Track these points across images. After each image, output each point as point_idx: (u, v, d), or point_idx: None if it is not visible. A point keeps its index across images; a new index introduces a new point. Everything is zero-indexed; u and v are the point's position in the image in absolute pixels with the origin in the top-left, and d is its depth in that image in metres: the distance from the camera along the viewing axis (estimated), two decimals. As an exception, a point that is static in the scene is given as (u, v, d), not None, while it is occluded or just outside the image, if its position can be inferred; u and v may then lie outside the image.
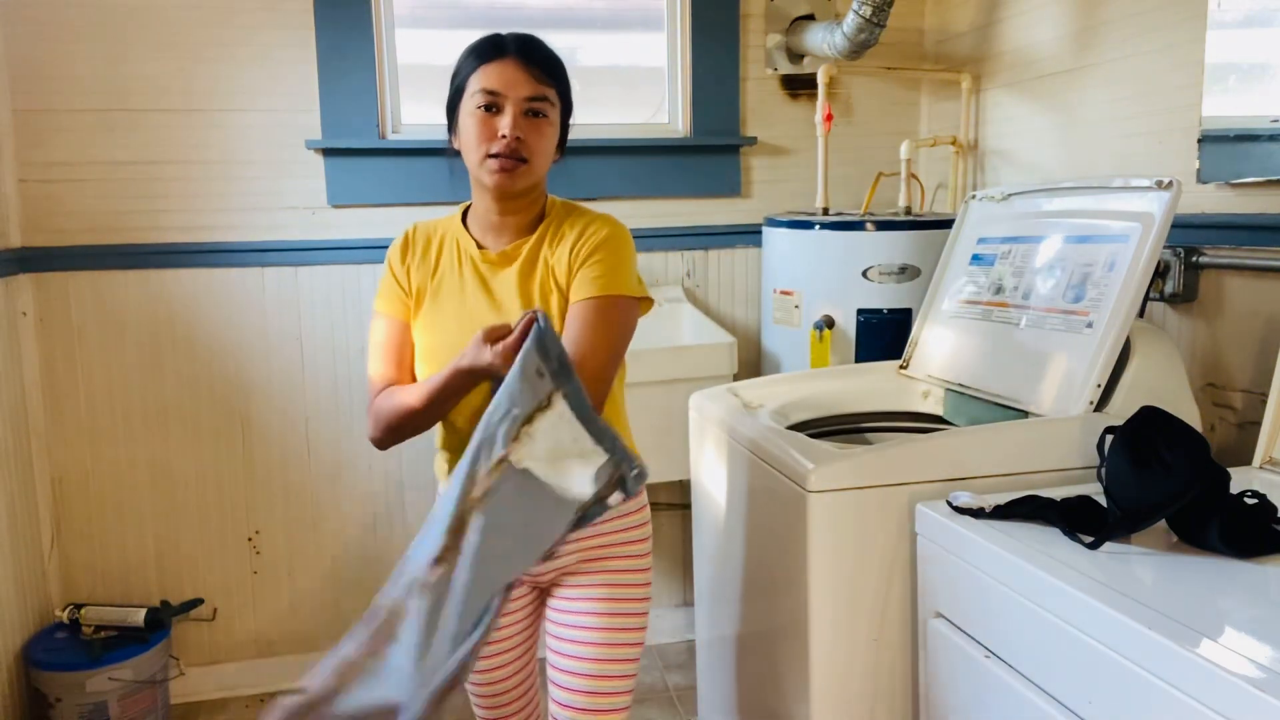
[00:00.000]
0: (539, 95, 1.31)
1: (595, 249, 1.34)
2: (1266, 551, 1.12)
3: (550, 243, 1.37)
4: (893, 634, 1.44)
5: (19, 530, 2.25)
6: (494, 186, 1.32)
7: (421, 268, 1.41)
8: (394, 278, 1.42)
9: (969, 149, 2.58)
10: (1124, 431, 1.27)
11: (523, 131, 1.30)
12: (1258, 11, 1.69)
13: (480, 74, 1.31)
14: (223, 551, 2.53)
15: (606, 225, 1.37)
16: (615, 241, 1.36)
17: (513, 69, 1.30)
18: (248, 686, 2.57)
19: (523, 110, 1.30)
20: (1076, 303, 1.59)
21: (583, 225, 1.37)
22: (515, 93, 1.29)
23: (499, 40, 1.33)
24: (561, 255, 1.35)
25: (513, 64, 1.30)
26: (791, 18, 2.67)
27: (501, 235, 1.39)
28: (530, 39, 1.34)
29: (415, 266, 1.41)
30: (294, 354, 2.52)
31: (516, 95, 1.29)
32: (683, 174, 2.66)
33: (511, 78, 1.30)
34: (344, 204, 2.49)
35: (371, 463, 2.60)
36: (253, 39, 2.39)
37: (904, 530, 1.41)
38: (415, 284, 1.40)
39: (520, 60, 1.30)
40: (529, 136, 1.30)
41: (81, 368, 2.40)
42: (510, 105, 1.29)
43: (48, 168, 2.32)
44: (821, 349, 2.25)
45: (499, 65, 1.30)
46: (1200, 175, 1.76)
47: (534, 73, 1.31)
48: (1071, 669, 1.05)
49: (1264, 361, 1.66)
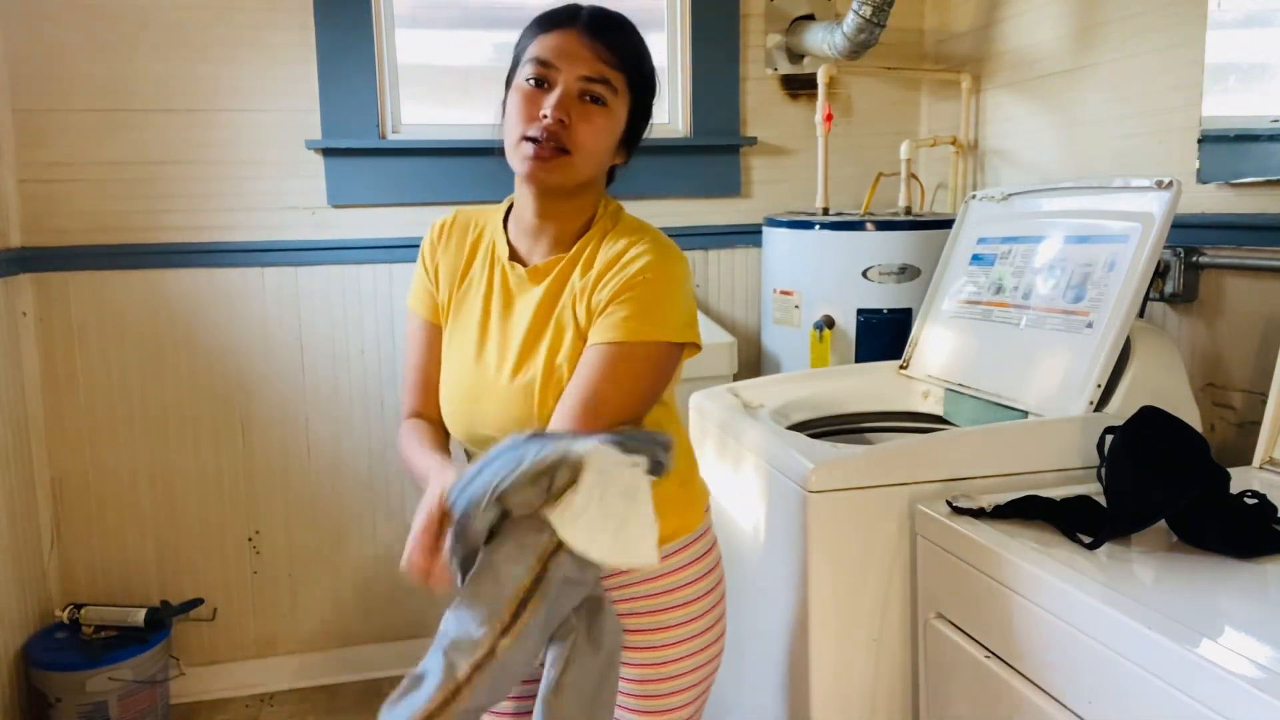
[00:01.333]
0: (598, 76, 1.08)
1: (628, 284, 1.09)
2: (1266, 551, 1.12)
3: (583, 265, 1.14)
4: (893, 634, 1.44)
5: (19, 530, 2.25)
6: (524, 176, 1.11)
7: (453, 260, 1.21)
8: (423, 270, 1.23)
9: (969, 149, 2.58)
10: (1124, 431, 1.27)
11: (569, 114, 1.07)
12: (1258, 11, 1.69)
13: (538, 42, 1.10)
14: (223, 551, 2.53)
15: (650, 251, 1.11)
16: (655, 272, 1.09)
17: (574, 41, 1.08)
18: (248, 686, 2.57)
19: (576, 91, 1.08)
20: (1076, 303, 1.59)
21: (620, 249, 1.12)
22: (571, 68, 1.08)
23: (570, 7, 1.12)
24: (597, 291, 1.10)
25: (576, 34, 1.09)
26: (791, 18, 2.67)
27: (538, 243, 1.17)
28: (609, 13, 1.12)
29: (447, 257, 1.22)
30: (294, 354, 2.52)
31: (572, 71, 1.08)
32: (683, 174, 2.66)
33: (570, 50, 1.08)
34: (344, 204, 2.49)
35: (371, 463, 2.60)
36: (253, 39, 2.38)
37: (904, 530, 1.40)
38: (444, 279, 1.21)
39: (586, 32, 1.09)
40: (577, 123, 1.08)
41: (81, 368, 2.40)
42: (563, 82, 1.08)
43: (48, 168, 2.32)
44: (821, 349, 2.25)
45: (560, 35, 1.09)
46: (1200, 175, 1.76)
47: (598, 50, 1.08)
48: (1071, 669, 1.05)
49: (1264, 361, 1.66)
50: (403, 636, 2.66)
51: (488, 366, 1.16)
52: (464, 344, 1.19)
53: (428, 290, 1.23)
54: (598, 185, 1.19)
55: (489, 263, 1.20)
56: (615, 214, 1.20)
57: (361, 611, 2.64)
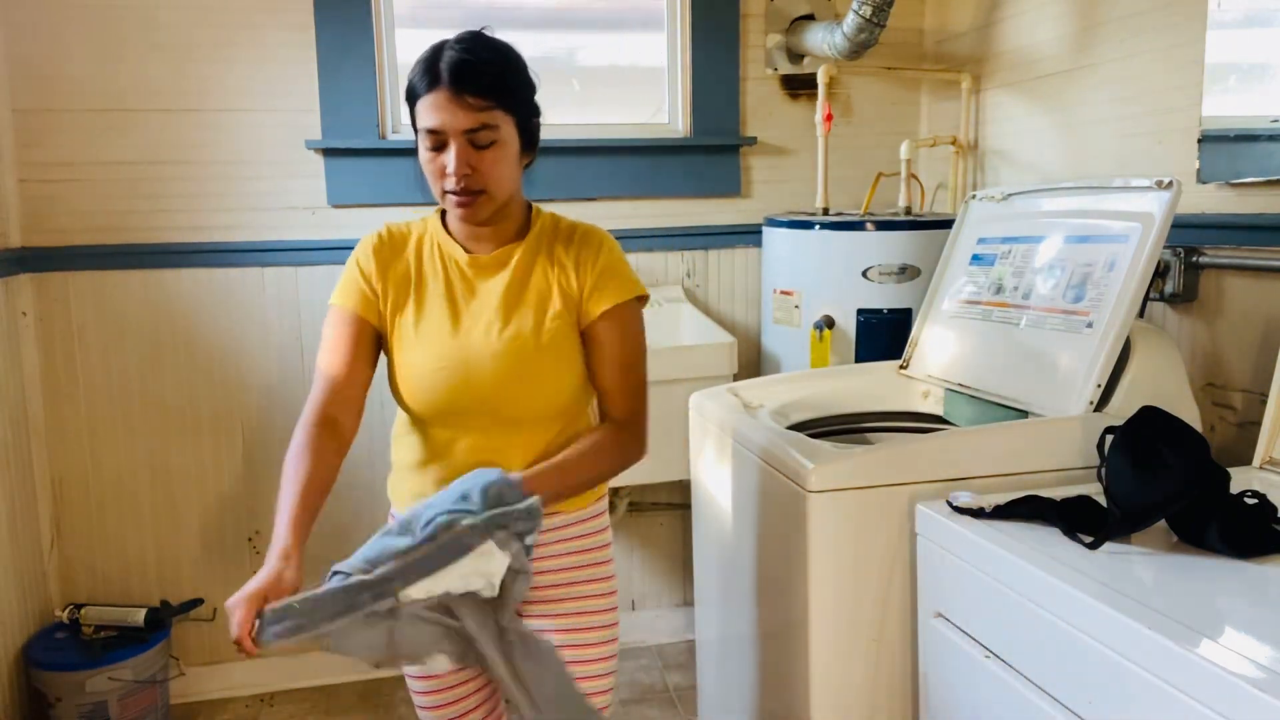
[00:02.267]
0: (480, 125, 1.22)
1: (606, 262, 1.33)
2: (1266, 551, 1.12)
3: (549, 254, 1.34)
4: (893, 634, 1.44)
5: (19, 530, 2.25)
6: (461, 219, 1.30)
7: (396, 272, 1.34)
8: (362, 276, 1.34)
9: (969, 149, 2.58)
10: (1124, 431, 1.27)
11: (472, 163, 1.23)
12: (1258, 11, 1.69)
13: (421, 108, 1.24)
14: (223, 551, 2.53)
15: (600, 234, 1.37)
16: (615, 248, 1.36)
17: (447, 102, 1.21)
18: (248, 686, 2.57)
19: (465, 143, 1.22)
20: (1076, 303, 1.59)
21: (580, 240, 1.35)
22: (456, 125, 1.21)
23: (434, 65, 1.23)
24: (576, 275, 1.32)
25: (446, 96, 1.21)
26: (791, 18, 2.67)
27: (486, 242, 1.35)
28: (463, 61, 1.23)
29: (393, 264, 1.35)
30: (294, 354, 2.52)
31: (457, 127, 1.21)
32: (683, 174, 2.66)
33: (448, 113, 1.21)
34: (344, 204, 2.49)
35: (371, 462, 2.60)
36: (253, 39, 2.39)
37: (904, 530, 1.40)
38: (391, 289, 1.33)
39: (453, 91, 1.21)
40: (480, 166, 1.23)
41: (81, 368, 2.40)
42: (452, 140, 1.22)
43: (48, 168, 2.32)
44: (821, 349, 2.25)
45: (434, 98, 1.22)
46: (1200, 175, 1.76)
47: (467, 103, 1.21)
48: (1071, 669, 1.05)
49: (1264, 361, 1.66)
50: (403, 636, 2.66)
51: (469, 334, 1.30)
52: (436, 327, 1.31)
53: (365, 295, 1.34)
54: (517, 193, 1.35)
55: (439, 261, 1.35)
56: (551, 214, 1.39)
57: (361, 611, 2.64)
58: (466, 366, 1.28)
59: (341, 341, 1.32)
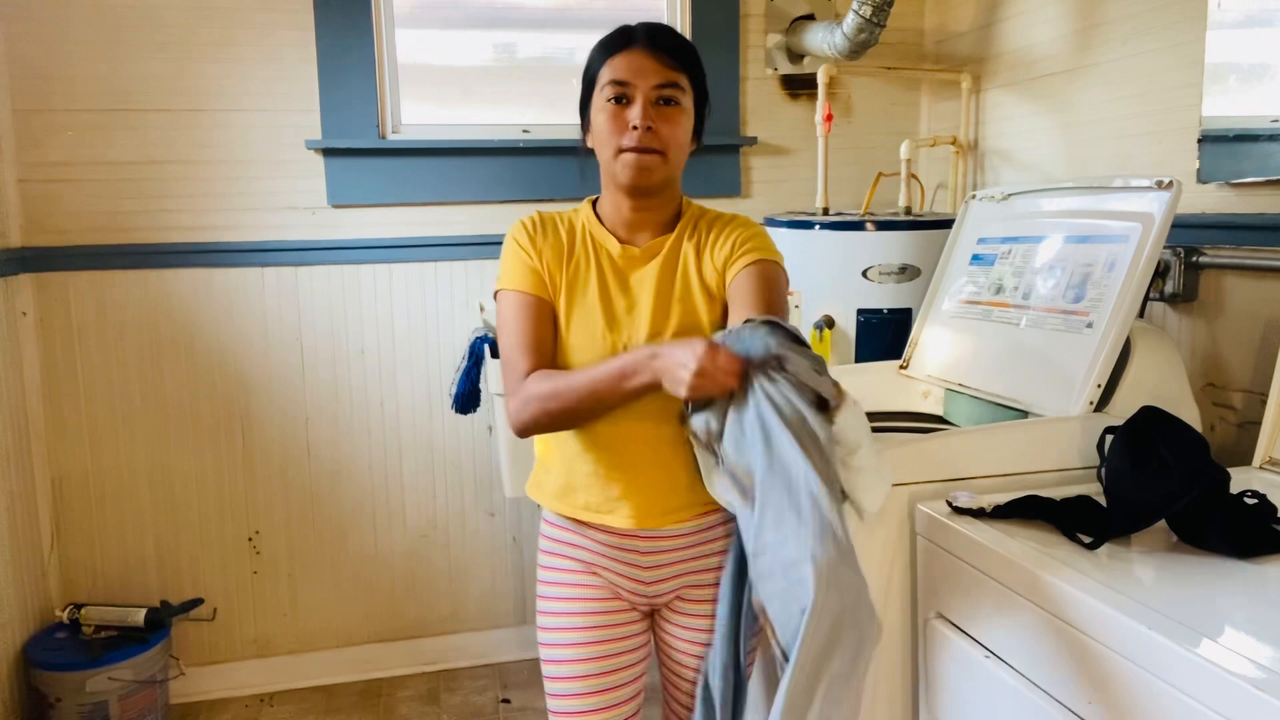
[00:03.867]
0: (669, 81, 1.26)
1: (750, 232, 1.34)
2: (1266, 551, 1.12)
3: (692, 240, 1.34)
4: (893, 634, 1.44)
5: (19, 530, 2.25)
6: (629, 183, 1.28)
7: (555, 253, 1.33)
8: (528, 256, 1.32)
9: (969, 149, 2.58)
10: (1124, 431, 1.27)
11: (654, 121, 1.26)
12: (1258, 11, 1.69)
13: (609, 66, 1.27)
14: (223, 551, 2.54)
15: (744, 217, 1.38)
16: (757, 225, 1.37)
17: (640, 57, 1.26)
18: (248, 686, 2.57)
19: (653, 99, 1.26)
20: (1076, 303, 1.59)
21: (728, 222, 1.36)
22: (645, 81, 1.25)
23: (626, 30, 1.29)
24: (715, 253, 1.32)
25: (640, 52, 1.26)
26: (791, 18, 2.67)
27: (639, 232, 1.35)
28: (659, 26, 1.30)
29: (548, 250, 1.33)
30: (294, 354, 2.52)
31: (646, 83, 1.25)
32: (683, 174, 2.65)
33: (640, 66, 1.26)
34: (344, 204, 2.49)
35: (371, 462, 2.60)
36: (253, 39, 2.39)
37: (904, 530, 1.40)
38: (550, 268, 1.33)
39: (648, 48, 1.26)
40: (661, 126, 1.26)
41: (81, 368, 2.40)
42: (640, 94, 1.25)
43: (48, 168, 2.32)
44: (821, 349, 2.25)
45: (626, 55, 1.26)
46: (1200, 175, 1.76)
47: (663, 59, 1.26)
48: (1071, 669, 1.05)
49: (1264, 361, 1.66)
50: (403, 636, 2.66)
51: (621, 330, 1.29)
52: (589, 318, 1.31)
53: (537, 273, 1.32)
54: (679, 177, 1.36)
55: (592, 250, 1.34)
56: (700, 205, 1.41)
57: (361, 611, 2.64)
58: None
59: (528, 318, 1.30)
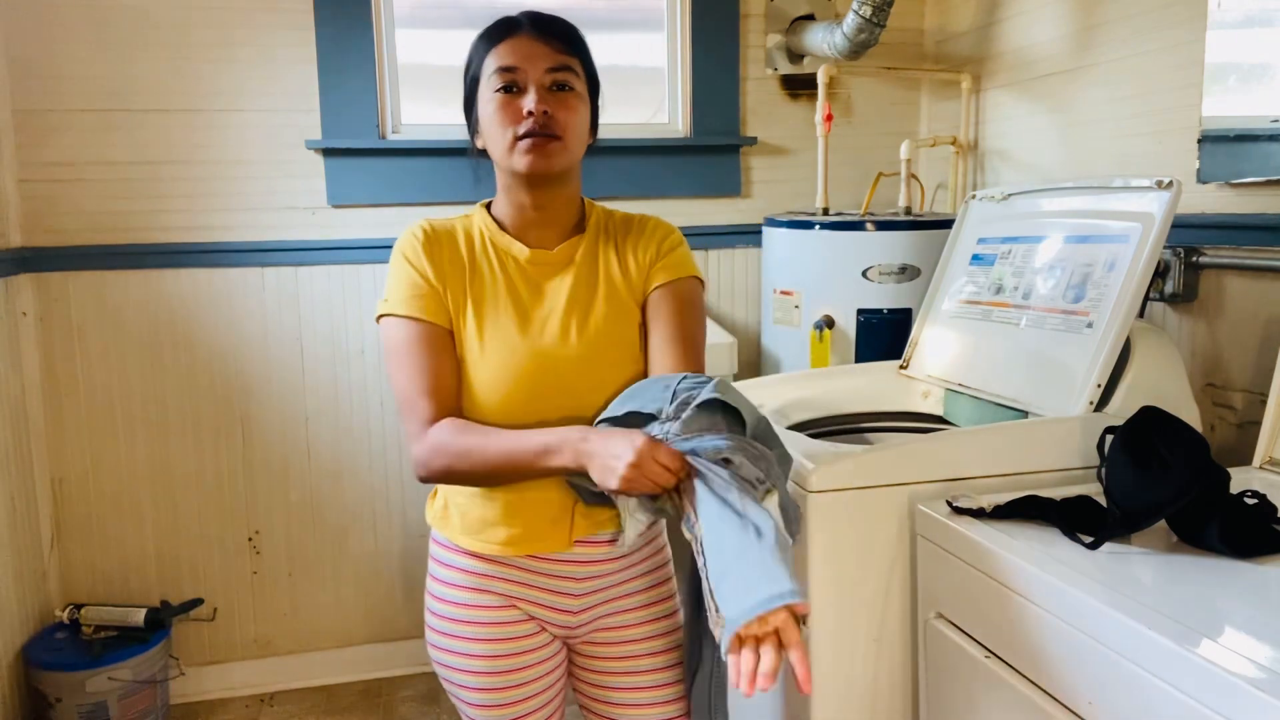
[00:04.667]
0: (561, 65, 1.18)
1: (671, 246, 1.29)
2: (1266, 551, 1.12)
3: (609, 243, 1.28)
4: (893, 634, 1.44)
5: (19, 530, 2.25)
6: (528, 171, 1.18)
7: (454, 268, 1.23)
8: (422, 277, 1.21)
9: (969, 149, 2.58)
10: (1124, 431, 1.27)
11: (550, 106, 1.17)
12: (1258, 11, 1.69)
13: (494, 54, 1.19)
14: (223, 551, 2.54)
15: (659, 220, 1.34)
16: (675, 231, 1.33)
17: (529, 42, 1.18)
18: (248, 686, 2.57)
19: (547, 84, 1.18)
20: (1076, 303, 1.59)
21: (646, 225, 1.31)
22: (535, 66, 1.17)
23: (509, 18, 1.21)
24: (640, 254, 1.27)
25: (528, 38, 1.18)
26: (791, 18, 2.67)
27: (545, 234, 1.26)
28: (542, 13, 1.22)
29: (446, 265, 1.23)
30: (294, 354, 2.52)
31: (537, 69, 1.17)
32: (683, 174, 2.66)
33: (528, 51, 1.17)
34: (344, 204, 2.49)
35: (371, 462, 2.60)
36: (253, 39, 2.39)
37: (904, 530, 1.40)
38: (450, 286, 1.22)
39: (535, 32, 1.18)
40: (558, 111, 1.17)
41: (81, 368, 2.40)
42: (532, 80, 1.17)
43: (48, 168, 2.32)
44: (821, 349, 2.25)
45: (513, 42, 1.18)
46: (1200, 175, 1.76)
47: (553, 43, 1.18)
48: (1071, 669, 1.05)
49: (1264, 361, 1.66)
50: (402, 636, 2.66)
51: (542, 339, 1.21)
52: (503, 331, 1.21)
53: (434, 296, 1.21)
54: (579, 172, 1.28)
55: (495, 258, 1.25)
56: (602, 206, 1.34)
57: (361, 611, 2.64)
58: (543, 372, 1.20)
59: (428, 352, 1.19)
